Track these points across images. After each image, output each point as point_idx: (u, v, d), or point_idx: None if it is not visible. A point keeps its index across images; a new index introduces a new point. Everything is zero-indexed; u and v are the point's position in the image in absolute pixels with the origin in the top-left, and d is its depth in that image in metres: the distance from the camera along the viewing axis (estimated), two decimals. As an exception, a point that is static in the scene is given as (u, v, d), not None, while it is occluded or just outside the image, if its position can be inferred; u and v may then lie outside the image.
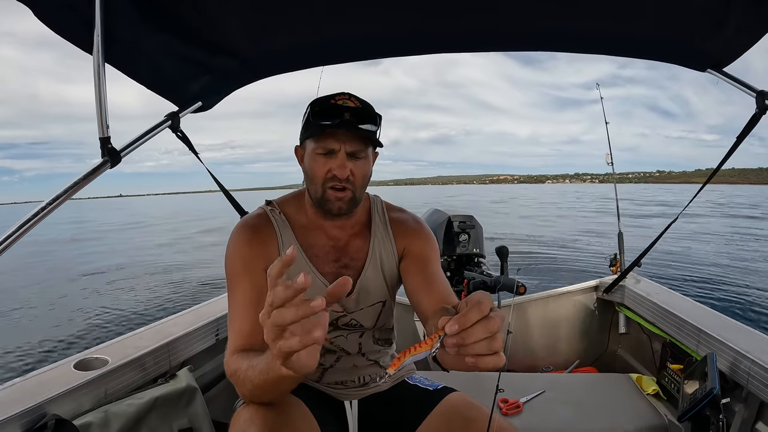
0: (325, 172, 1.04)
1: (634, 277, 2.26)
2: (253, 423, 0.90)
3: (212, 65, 1.45)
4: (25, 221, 1.01)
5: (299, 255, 1.09)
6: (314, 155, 1.04)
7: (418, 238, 1.21)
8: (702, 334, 1.57)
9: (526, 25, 1.39)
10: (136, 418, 1.18)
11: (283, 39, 1.44)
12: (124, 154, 1.19)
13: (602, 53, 1.52)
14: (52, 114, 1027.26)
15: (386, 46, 1.57)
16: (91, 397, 1.18)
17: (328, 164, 1.03)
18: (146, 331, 1.51)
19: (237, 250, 1.08)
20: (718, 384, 1.27)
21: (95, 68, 1.07)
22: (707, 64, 1.45)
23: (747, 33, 1.28)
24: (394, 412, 1.20)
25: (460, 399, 1.21)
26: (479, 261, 2.14)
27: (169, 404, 1.28)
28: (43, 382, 1.16)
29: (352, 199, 1.07)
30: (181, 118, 1.49)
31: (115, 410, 1.15)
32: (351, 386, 1.20)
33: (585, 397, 1.57)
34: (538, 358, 2.33)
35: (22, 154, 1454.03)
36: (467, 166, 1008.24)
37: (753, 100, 1.36)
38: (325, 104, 1.03)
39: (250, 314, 1.01)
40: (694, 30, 1.33)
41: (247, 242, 1.08)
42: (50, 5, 1.02)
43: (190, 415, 1.32)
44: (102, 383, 1.21)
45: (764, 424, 1.35)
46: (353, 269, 1.16)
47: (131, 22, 1.15)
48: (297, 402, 1.03)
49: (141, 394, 1.24)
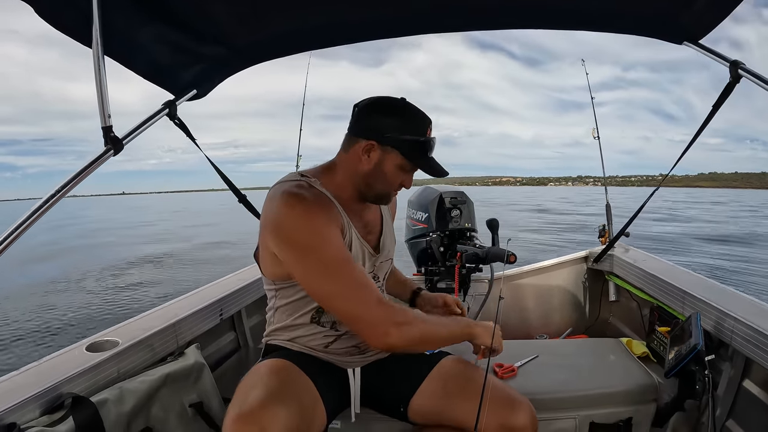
0: (398, 183, 1.23)
1: (623, 246, 2.33)
2: (254, 389, 0.98)
3: (204, 53, 1.50)
4: (37, 208, 1.06)
5: (348, 227, 1.20)
6: (398, 166, 1.19)
7: (393, 205, 1.48)
8: (687, 296, 1.64)
9: (504, 2, 1.43)
10: (148, 394, 1.23)
11: (271, 25, 1.48)
12: (126, 142, 1.23)
13: (581, 29, 1.57)
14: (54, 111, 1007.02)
15: (373, 29, 1.60)
16: (105, 376, 1.22)
17: (404, 178, 1.22)
18: (152, 313, 1.56)
19: (322, 220, 1.10)
20: (702, 340, 1.34)
21: (95, 61, 1.11)
22: (683, 37, 1.50)
23: (719, 5, 1.33)
24: (394, 377, 1.29)
25: (456, 361, 1.30)
26: (471, 235, 2.19)
27: (179, 380, 1.33)
28: (57, 365, 1.20)
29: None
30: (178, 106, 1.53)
31: (129, 387, 1.20)
32: (354, 353, 1.28)
33: (577, 361, 1.64)
34: (531, 328, 2.41)
35: (25, 151, 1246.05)
36: (470, 168, 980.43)
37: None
38: (430, 140, 1.20)
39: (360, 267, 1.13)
40: (669, 3, 1.37)
41: (326, 213, 1.12)
42: (51, 3, 1.06)
43: (200, 391, 1.38)
44: (114, 363, 1.25)
45: (750, 381, 1.41)
46: (374, 234, 1.33)
47: (126, 14, 1.20)
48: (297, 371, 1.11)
49: (152, 371, 1.29)
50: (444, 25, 1.60)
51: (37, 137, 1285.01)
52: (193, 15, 1.34)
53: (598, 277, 2.41)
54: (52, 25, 1.10)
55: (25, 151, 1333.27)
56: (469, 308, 2.31)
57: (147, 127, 1.36)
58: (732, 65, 1.39)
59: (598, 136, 2.72)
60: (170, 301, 1.68)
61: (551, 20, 1.56)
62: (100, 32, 1.09)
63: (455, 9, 1.47)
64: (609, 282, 2.33)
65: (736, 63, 1.38)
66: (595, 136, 2.72)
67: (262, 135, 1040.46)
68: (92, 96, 1.14)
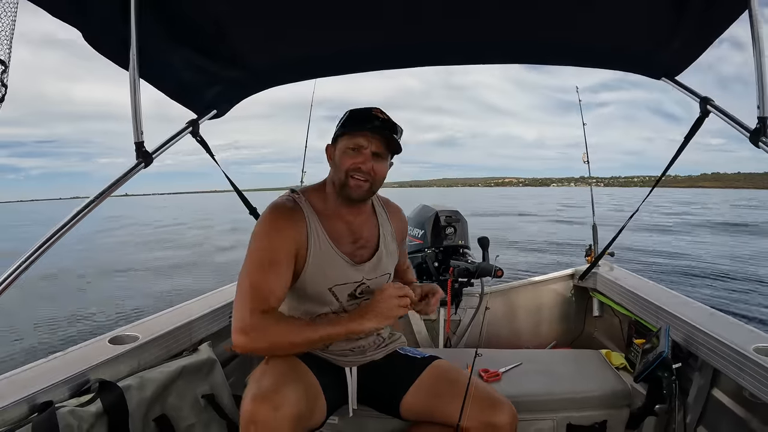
0: (351, 164, 1.26)
1: (608, 265, 2.47)
2: (266, 376, 1.12)
3: (225, 76, 1.66)
4: (71, 217, 1.21)
5: (324, 237, 1.31)
6: (345, 150, 1.27)
7: (399, 222, 1.53)
8: (660, 310, 1.77)
9: (494, 38, 1.61)
10: (166, 384, 1.36)
11: (284, 53, 1.66)
12: (156, 156, 1.39)
13: (566, 64, 1.73)
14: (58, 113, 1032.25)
15: (385, 59, 1.79)
16: (127, 366, 1.35)
17: (355, 158, 1.26)
18: (169, 312, 1.69)
19: (270, 229, 1.26)
20: (668, 348, 1.46)
21: (131, 82, 1.28)
22: (661, 73, 1.66)
23: (694, 45, 1.49)
24: (388, 377, 1.40)
25: (444, 365, 1.42)
26: (464, 252, 2.34)
27: (193, 373, 1.46)
28: (83, 355, 1.33)
29: (369, 190, 1.30)
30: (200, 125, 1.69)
31: (149, 376, 1.33)
32: (351, 354, 1.40)
33: (557, 369, 1.76)
34: (519, 340, 2.54)
35: (28, 153, 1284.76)
36: (473, 169, 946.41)
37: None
38: (361, 112, 1.29)
39: (275, 282, 1.22)
40: (648, 43, 1.54)
41: (280, 224, 1.27)
42: (96, 30, 1.22)
43: (211, 383, 1.51)
44: (135, 355, 1.39)
45: (719, 390, 1.50)
46: (368, 248, 1.39)
47: (159, 41, 1.36)
48: (302, 364, 1.25)
49: (169, 363, 1.42)
50: (432, 59, 1.79)
51: (41, 139, 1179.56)
52: (216, 42, 1.51)
53: (584, 293, 2.54)
54: (96, 49, 1.26)
55: (28, 153, 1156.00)
56: (460, 321, 2.44)
57: (173, 143, 1.53)
58: (702, 101, 1.54)
59: (588, 161, 2.88)
60: (186, 302, 1.82)
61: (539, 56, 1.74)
62: (137, 57, 1.26)
63: (446, 45, 1.66)
64: (593, 298, 2.46)
65: (706, 99, 1.53)
66: (585, 161, 2.89)
67: (263, 137, 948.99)
68: (96, 97, 1.32)
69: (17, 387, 1.13)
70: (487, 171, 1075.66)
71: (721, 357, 1.40)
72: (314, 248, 1.28)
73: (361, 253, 1.37)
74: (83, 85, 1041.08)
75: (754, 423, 1.34)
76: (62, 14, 1.15)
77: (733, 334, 1.45)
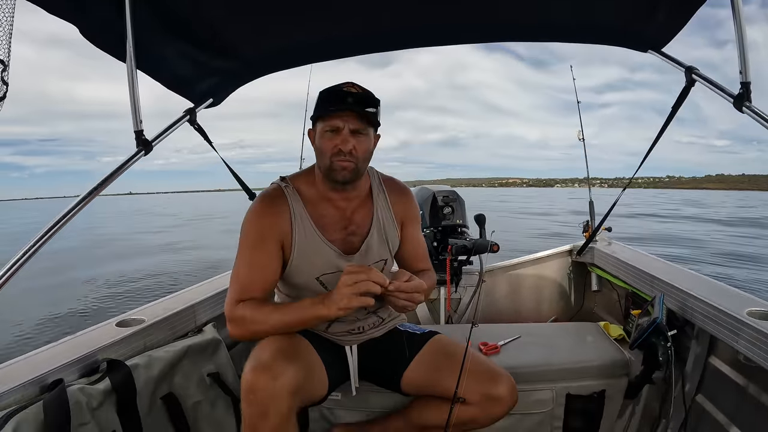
0: (331, 147, 1.23)
1: (606, 240, 2.49)
2: (265, 350, 1.15)
3: (219, 66, 1.71)
4: (76, 204, 1.24)
5: (309, 224, 1.30)
6: (323, 133, 1.24)
7: (404, 205, 1.46)
8: (655, 280, 1.80)
9: (482, 17, 1.63)
10: (172, 363, 1.40)
11: (277, 41, 1.70)
12: (155, 144, 1.43)
13: (554, 41, 1.75)
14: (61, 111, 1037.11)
15: (372, 43, 1.82)
16: (134, 347, 1.39)
17: (334, 140, 1.23)
18: (173, 297, 1.73)
19: (254, 219, 1.29)
20: (662, 315, 1.49)
21: (128, 73, 1.32)
22: (648, 46, 1.67)
23: (677, 16, 1.51)
24: (389, 353, 1.43)
25: (443, 339, 1.45)
26: (462, 230, 2.36)
27: (198, 353, 1.50)
28: (91, 337, 1.37)
29: (354, 170, 1.26)
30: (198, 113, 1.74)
31: (156, 355, 1.37)
32: (352, 333, 1.43)
33: (556, 341, 1.79)
34: (520, 317, 2.57)
35: (32, 151, 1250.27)
36: (476, 169, 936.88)
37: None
38: (332, 91, 1.23)
39: (256, 273, 1.26)
40: (633, 15, 1.55)
41: (263, 213, 1.29)
42: (93, 26, 1.26)
43: (216, 363, 1.55)
44: (142, 336, 1.42)
45: (716, 357, 1.52)
46: (359, 235, 1.36)
47: (155, 34, 1.40)
48: (304, 341, 1.28)
49: (175, 343, 1.46)
50: (426, 39, 1.81)
51: (44, 137, 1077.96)
52: (209, 33, 1.55)
53: (582, 268, 2.57)
54: (93, 43, 1.30)
55: (32, 151, 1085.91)
56: (461, 299, 2.47)
57: (172, 131, 1.57)
58: (687, 70, 1.56)
59: (582, 138, 2.90)
60: (190, 287, 1.86)
61: (526, 33, 1.76)
62: (133, 50, 1.29)
63: (434, 26, 1.69)
64: (591, 273, 2.49)
65: (691, 68, 1.55)
66: (580, 138, 2.90)
67: (267, 136, 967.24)
68: (100, 96, 1.36)
69: (28, 368, 1.16)
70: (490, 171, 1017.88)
71: (716, 323, 1.41)
72: (299, 237, 1.29)
73: (351, 240, 1.35)
74: (87, 84, 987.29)
75: (751, 388, 1.35)
76: (59, 11, 1.17)
77: (727, 299, 1.46)
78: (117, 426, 1.22)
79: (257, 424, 1.07)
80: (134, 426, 1.26)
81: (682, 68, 1.57)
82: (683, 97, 1.64)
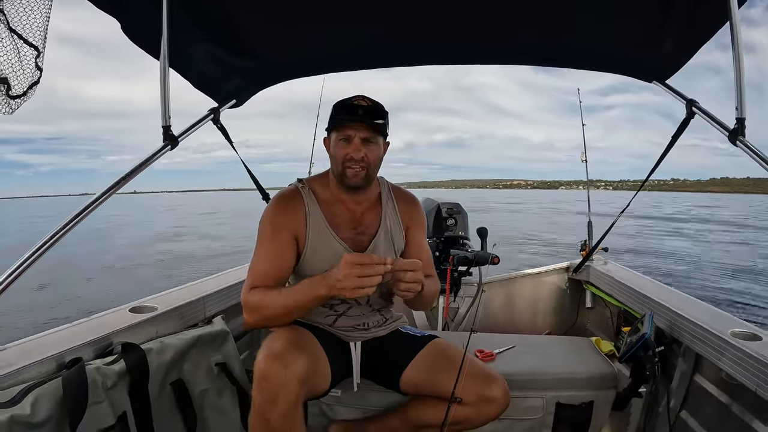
0: (344, 155, 1.35)
1: (602, 259, 2.57)
2: (277, 340, 1.22)
3: (244, 68, 1.79)
4: (101, 194, 1.32)
5: (323, 222, 1.41)
6: (337, 142, 1.36)
7: (411, 212, 1.56)
8: (646, 299, 1.87)
9: (491, 41, 1.73)
10: (183, 350, 1.46)
11: (299, 49, 1.79)
12: (181, 139, 1.50)
13: (562, 66, 1.83)
14: (67, 110, 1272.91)
15: (394, 56, 1.92)
16: (147, 332, 1.45)
17: (346, 149, 1.35)
18: (184, 288, 1.80)
19: (271, 215, 1.40)
20: (651, 331, 1.55)
21: (161, 70, 1.40)
22: (652, 77, 1.76)
23: (683, 50, 1.60)
24: (390, 353, 1.50)
25: (442, 343, 1.52)
26: (464, 242, 2.44)
27: (207, 342, 1.56)
28: (106, 321, 1.43)
29: (366, 176, 1.38)
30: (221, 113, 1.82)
31: (168, 342, 1.43)
32: (357, 330, 1.50)
33: (549, 352, 1.85)
34: (515, 330, 2.63)
35: (37, 149, 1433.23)
36: (481, 170, 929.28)
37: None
38: (344, 104, 1.36)
39: (270, 263, 1.36)
40: (640, 46, 1.64)
41: (279, 210, 1.40)
42: (133, 22, 1.33)
43: (224, 353, 1.61)
44: (154, 323, 1.49)
45: (701, 375, 1.58)
46: (368, 235, 1.47)
47: (187, 32, 1.47)
48: (310, 335, 1.35)
49: (186, 332, 1.53)
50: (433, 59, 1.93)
51: (50, 136, 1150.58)
52: (241, 36, 1.64)
53: (577, 285, 2.64)
54: (130, 38, 1.38)
55: (37, 150, 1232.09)
56: (458, 308, 2.54)
57: (197, 128, 1.65)
58: (688, 103, 1.65)
59: (586, 160, 2.98)
60: (201, 279, 1.93)
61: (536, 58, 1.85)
62: (167, 48, 1.37)
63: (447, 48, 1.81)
64: (586, 291, 2.56)
65: (692, 101, 1.64)
66: (583, 159, 2.98)
67: (273, 136, 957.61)
68: (107, 95, 1.42)
69: (45, 345, 1.23)
70: (494, 173, 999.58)
71: (702, 341, 1.47)
72: (312, 233, 1.40)
73: (360, 239, 1.46)
74: (94, 82, 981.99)
75: (734, 406, 1.40)
76: (104, 5, 1.25)
77: (712, 319, 1.53)
78: (128, 407, 1.28)
79: (267, 410, 1.13)
80: (144, 408, 1.32)
81: (683, 101, 1.65)
82: (683, 127, 1.73)
